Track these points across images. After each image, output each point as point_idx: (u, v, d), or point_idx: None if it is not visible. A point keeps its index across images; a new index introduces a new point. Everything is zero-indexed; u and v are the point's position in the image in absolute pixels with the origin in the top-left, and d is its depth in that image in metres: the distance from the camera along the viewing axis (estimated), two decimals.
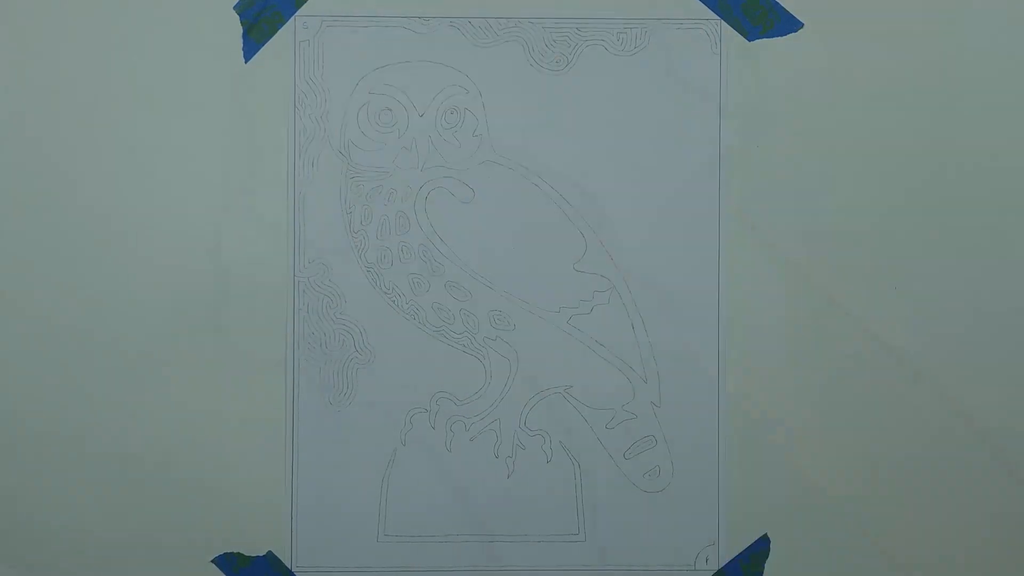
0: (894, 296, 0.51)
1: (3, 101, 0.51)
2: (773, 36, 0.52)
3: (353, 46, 0.52)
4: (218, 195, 0.51)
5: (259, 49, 0.52)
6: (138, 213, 0.51)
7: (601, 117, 0.52)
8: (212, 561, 0.51)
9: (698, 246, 0.51)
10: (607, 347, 0.52)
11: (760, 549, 0.51)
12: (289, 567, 0.51)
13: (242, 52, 0.51)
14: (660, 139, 0.52)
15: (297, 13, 0.52)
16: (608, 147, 0.52)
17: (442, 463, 0.52)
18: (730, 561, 0.51)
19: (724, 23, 0.52)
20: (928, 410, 0.51)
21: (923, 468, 0.51)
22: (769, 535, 0.51)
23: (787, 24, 0.52)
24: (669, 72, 0.52)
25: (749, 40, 0.52)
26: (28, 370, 0.51)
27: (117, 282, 0.51)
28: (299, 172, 0.52)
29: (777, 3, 0.52)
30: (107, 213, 0.51)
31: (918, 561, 0.51)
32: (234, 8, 0.52)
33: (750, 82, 0.51)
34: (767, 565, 0.51)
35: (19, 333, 0.51)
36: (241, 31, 0.52)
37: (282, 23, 0.52)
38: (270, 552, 0.51)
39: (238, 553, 0.51)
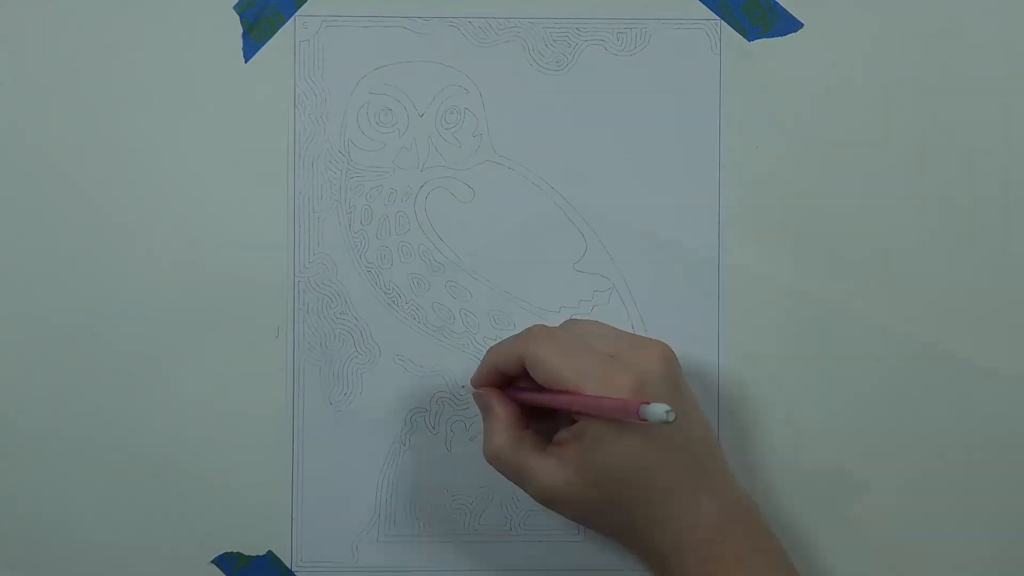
0: (895, 295, 0.51)
1: (1, 101, 0.51)
2: (773, 36, 0.52)
3: (353, 46, 0.52)
4: (218, 195, 0.51)
5: (259, 49, 0.52)
6: (137, 213, 0.51)
7: (601, 117, 0.52)
8: (212, 561, 0.51)
9: (698, 246, 0.51)
10: None
11: None
12: (289, 567, 0.51)
13: (242, 52, 0.51)
14: (660, 139, 0.52)
15: (297, 13, 0.52)
16: (608, 147, 0.52)
17: (442, 463, 0.52)
18: None
19: (724, 23, 0.52)
20: (929, 410, 0.51)
21: (925, 468, 0.51)
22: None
23: (787, 24, 0.52)
24: (669, 72, 0.52)
25: (749, 40, 0.52)
26: (27, 370, 0.51)
27: (116, 282, 0.51)
28: (299, 172, 0.52)
29: (777, 3, 0.52)
30: (106, 212, 0.51)
31: (919, 561, 0.51)
32: (234, 8, 0.52)
33: (750, 82, 0.52)
34: None
35: (18, 332, 0.51)
36: (241, 31, 0.52)
37: (282, 23, 0.52)
38: (270, 552, 0.51)
39: (238, 553, 0.51)
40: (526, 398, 0.47)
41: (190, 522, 0.51)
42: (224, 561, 0.51)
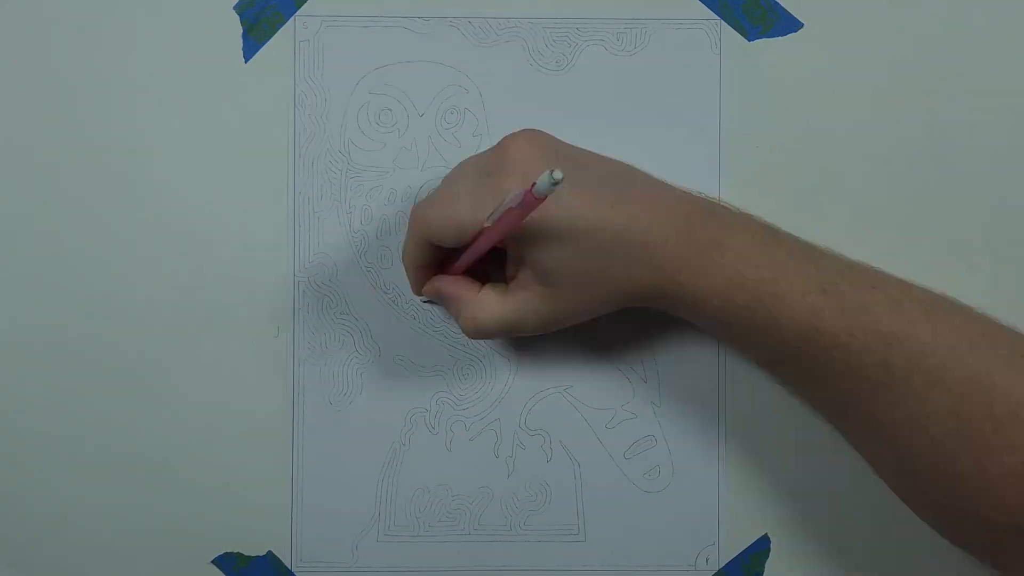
0: None
1: (1, 101, 0.51)
2: (773, 36, 0.52)
3: (353, 46, 0.52)
4: (218, 195, 0.51)
5: (259, 49, 0.52)
6: (138, 213, 0.51)
7: (601, 117, 0.52)
8: (212, 561, 0.51)
9: None
10: (607, 347, 0.52)
11: (760, 549, 0.51)
12: (289, 567, 0.51)
13: (242, 52, 0.51)
14: (660, 139, 0.51)
15: (297, 13, 0.52)
16: (608, 147, 0.51)
17: (442, 463, 0.52)
18: (730, 561, 0.51)
19: (724, 23, 0.52)
20: None
21: None
22: (769, 535, 0.51)
23: (787, 24, 0.52)
24: (669, 72, 0.52)
25: (749, 40, 0.52)
26: (28, 370, 0.51)
27: (117, 282, 0.51)
28: (299, 172, 0.52)
29: (777, 3, 0.52)
30: (107, 213, 0.51)
31: (919, 562, 0.51)
32: (234, 8, 0.52)
33: (750, 82, 0.51)
34: (767, 565, 0.51)
35: (18, 332, 0.51)
36: (241, 31, 0.52)
37: (282, 23, 0.52)
38: (270, 552, 0.51)
39: (238, 553, 0.51)
40: (460, 264, 0.47)
41: (190, 522, 0.51)
42: (224, 561, 0.51)
